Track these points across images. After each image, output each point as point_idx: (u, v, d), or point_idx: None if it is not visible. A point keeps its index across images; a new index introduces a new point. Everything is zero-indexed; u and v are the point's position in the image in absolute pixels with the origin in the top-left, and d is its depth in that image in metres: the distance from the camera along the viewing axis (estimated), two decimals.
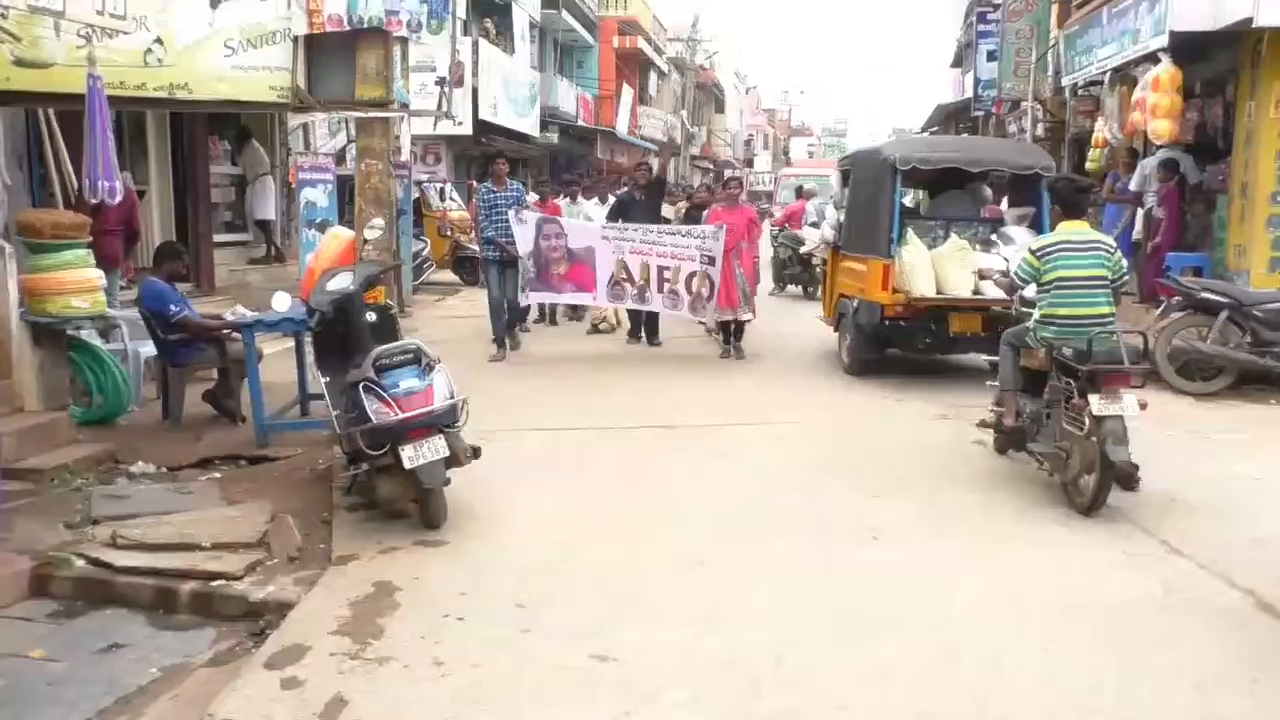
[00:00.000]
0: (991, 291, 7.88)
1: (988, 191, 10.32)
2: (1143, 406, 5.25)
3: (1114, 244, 5.82)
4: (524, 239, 9.70)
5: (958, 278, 8.42)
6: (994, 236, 8.92)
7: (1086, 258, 5.60)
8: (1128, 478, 5.08)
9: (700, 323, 10.78)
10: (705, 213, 11.05)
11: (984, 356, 8.90)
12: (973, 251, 8.58)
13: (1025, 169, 8.87)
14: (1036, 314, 5.79)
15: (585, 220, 11.58)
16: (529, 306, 10.85)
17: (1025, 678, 3.49)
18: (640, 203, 10.67)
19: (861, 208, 9.22)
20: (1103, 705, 3.31)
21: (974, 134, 22.69)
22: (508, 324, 10.07)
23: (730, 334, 10.20)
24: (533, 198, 12.46)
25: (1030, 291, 5.94)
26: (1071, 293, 5.57)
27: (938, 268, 8.45)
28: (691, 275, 9.84)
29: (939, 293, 8.35)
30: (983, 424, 6.56)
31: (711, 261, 9.75)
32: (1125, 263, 5.98)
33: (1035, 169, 8.76)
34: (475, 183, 17.36)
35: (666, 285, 9.89)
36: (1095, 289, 5.58)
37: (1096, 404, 5.13)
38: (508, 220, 9.76)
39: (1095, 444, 5.15)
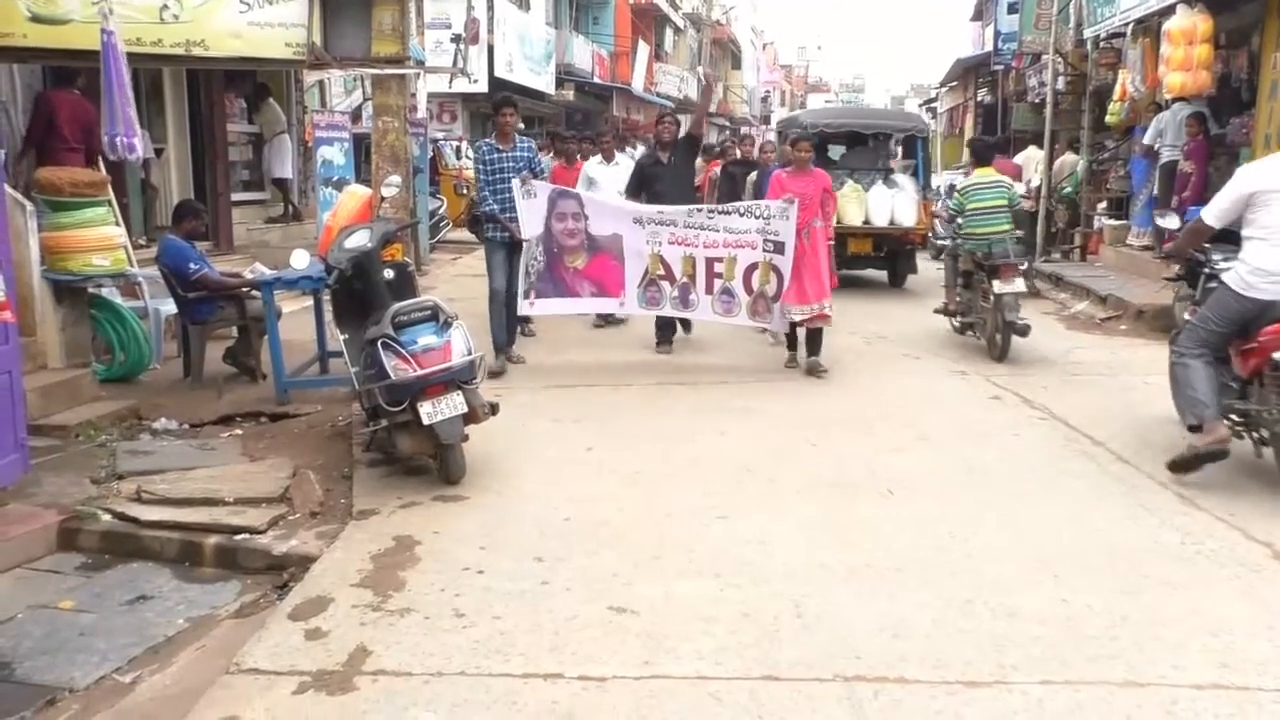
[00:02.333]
0: (877, 221, 11.56)
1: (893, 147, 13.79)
2: (1028, 287, 8.35)
3: (1010, 182, 8.48)
4: (532, 218, 7.33)
5: (853, 212, 11.40)
6: (882, 182, 11.78)
7: (992, 193, 8.15)
8: (1022, 330, 7.68)
9: (764, 330, 8.24)
10: (752, 176, 9.53)
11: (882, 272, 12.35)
12: (865, 193, 11.55)
13: (906, 130, 12.50)
14: (961, 233, 8.26)
15: (588, 182, 9.06)
16: (528, 318, 8.21)
17: (1042, 626, 3.51)
18: (668, 168, 8.10)
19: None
20: (1119, 651, 3.33)
21: (994, 88, 22.55)
22: (507, 338, 7.67)
23: (801, 340, 7.63)
24: (549, 162, 10.25)
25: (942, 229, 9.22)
26: (983, 217, 8.07)
27: (839, 204, 10.54)
28: (752, 268, 7.36)
29: (839, 223, 9.98)
30: (936, 310, 8.84)
31: (779, 248, 7.26)
32: (1019, 188, 9.39)
33: (913, 130, 12.23)
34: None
35: (718, 282, 7.44)
36: (999, 214, 8.09)
37: (997, 285, 7.73)
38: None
39: (997, 312, 7.74)
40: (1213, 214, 5.04)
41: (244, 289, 7.11)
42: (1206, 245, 5.44)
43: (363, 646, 3.45)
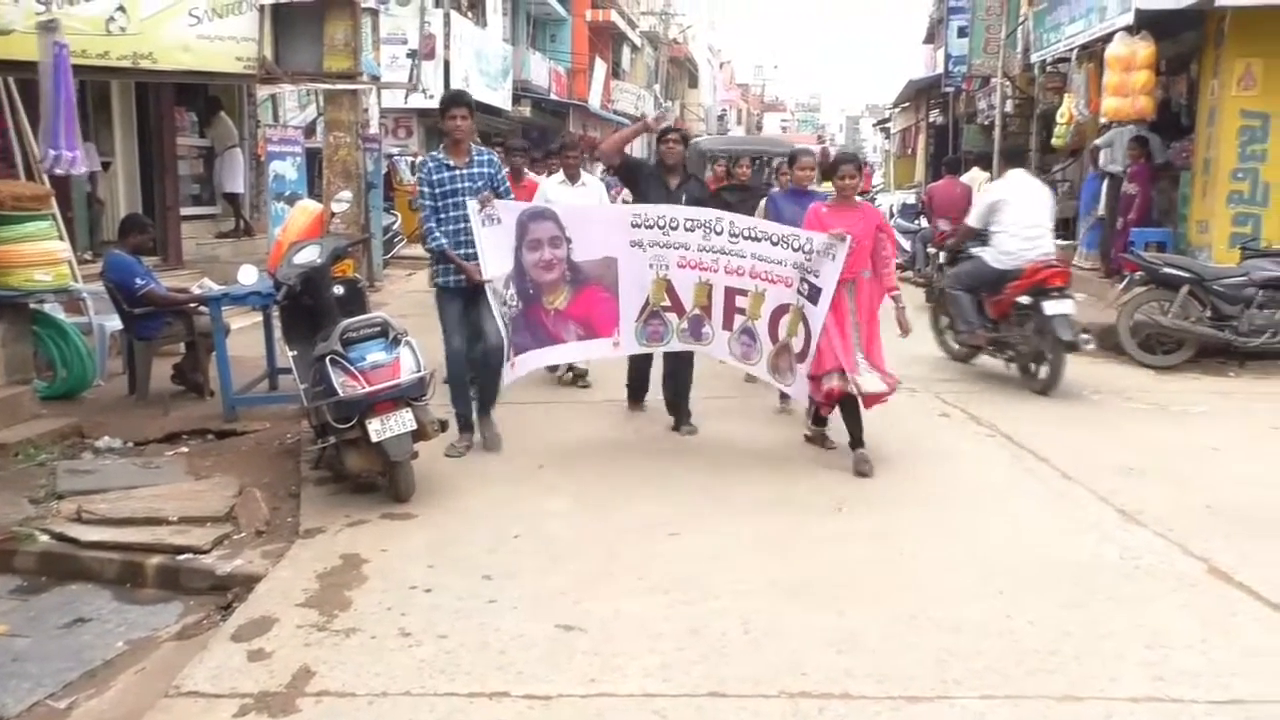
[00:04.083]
0: None
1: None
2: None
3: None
4: (496, 251, 5.61)
5: None
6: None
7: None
8: None
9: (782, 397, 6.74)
10: (762, 205, 7.10)
11: None
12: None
13: (784, 153, 13.57)
14: None
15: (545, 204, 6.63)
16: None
17: (986, 641, 3.56)
18: (675, 199, 6.07)
19: None
20: (1059, 665, 3.39)
21: (945, 109, 22.95)
22: (480, 405, 5.95)
23: (848, 420, 5.71)
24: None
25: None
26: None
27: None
28: (781, 310, 5.65)
29: None
30: None
31: (814, 295, 5.47)
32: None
33: (789, 153, 13.76)
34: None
35: (739, 319, 5.79)
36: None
37: None
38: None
39: None
40: (973, 219, 7.97)
41: (191, 305, 7.02)
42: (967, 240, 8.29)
43: (306, 667, 3.41)
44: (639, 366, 6.67)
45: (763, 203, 7.39)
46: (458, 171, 5.71)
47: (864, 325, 5.66)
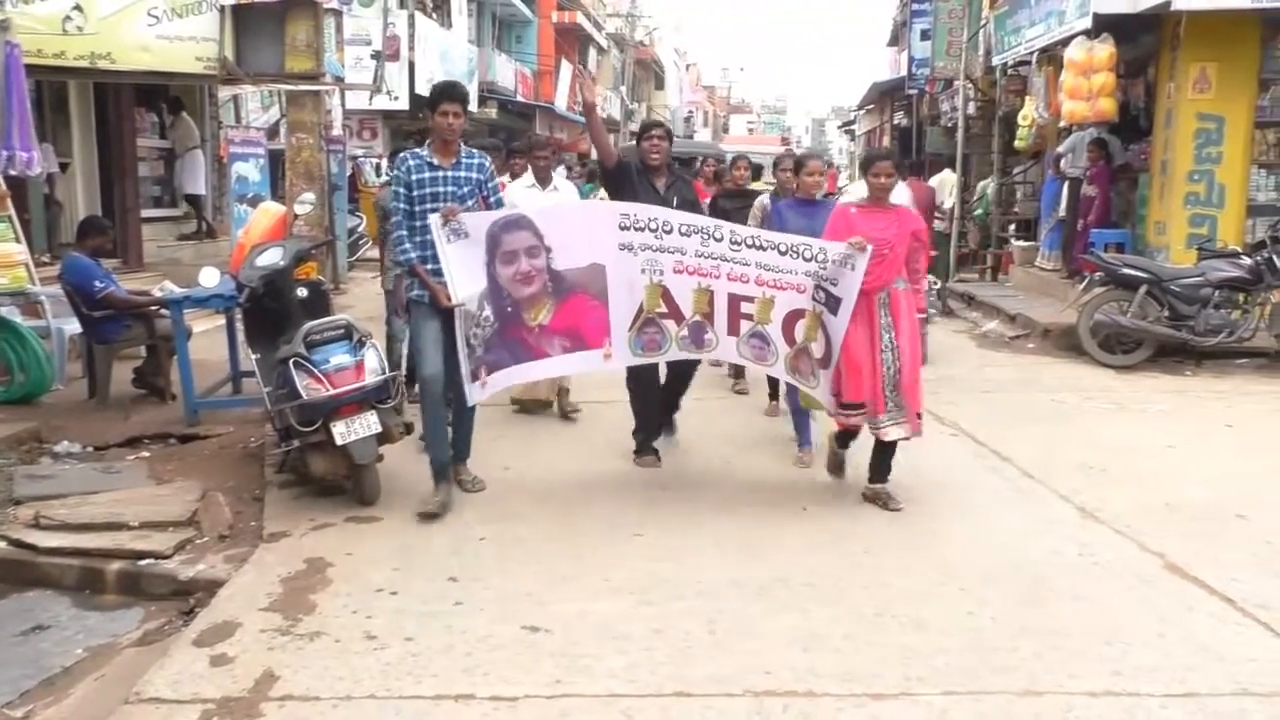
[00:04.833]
0: None
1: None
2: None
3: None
4: (466, 269, 4.92)
5: None
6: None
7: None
8: None
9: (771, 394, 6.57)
10: (761, 203, 6.54)
11: None
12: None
13: (709, 154, 15.22)
14: None
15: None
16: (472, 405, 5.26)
17: (949, 638, 3.60)
18: (664, 202, 5.41)
19: None
20: (1020, 662, 3.44)
21: (909, 111, 23.18)
22: (456, 451, 5.27)
23: (874, 452, 5.17)
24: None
25: None
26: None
27: None
28: (795, 315, 5.04)
29: None
30: None
31: (833, 305, 4.88)
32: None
33: (714, 155, 14.82)
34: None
35: (746, 325, 5.14)
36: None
37: None
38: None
39: None
40: None
41: (152, 307, 6.93)
42: None
43: (270, 671, 3.38)
44: (644, 396, 5.72)
45: (758, 208, 6.56)
46: (442, 173, 5.00)
47: (904, 348, 4.92)
